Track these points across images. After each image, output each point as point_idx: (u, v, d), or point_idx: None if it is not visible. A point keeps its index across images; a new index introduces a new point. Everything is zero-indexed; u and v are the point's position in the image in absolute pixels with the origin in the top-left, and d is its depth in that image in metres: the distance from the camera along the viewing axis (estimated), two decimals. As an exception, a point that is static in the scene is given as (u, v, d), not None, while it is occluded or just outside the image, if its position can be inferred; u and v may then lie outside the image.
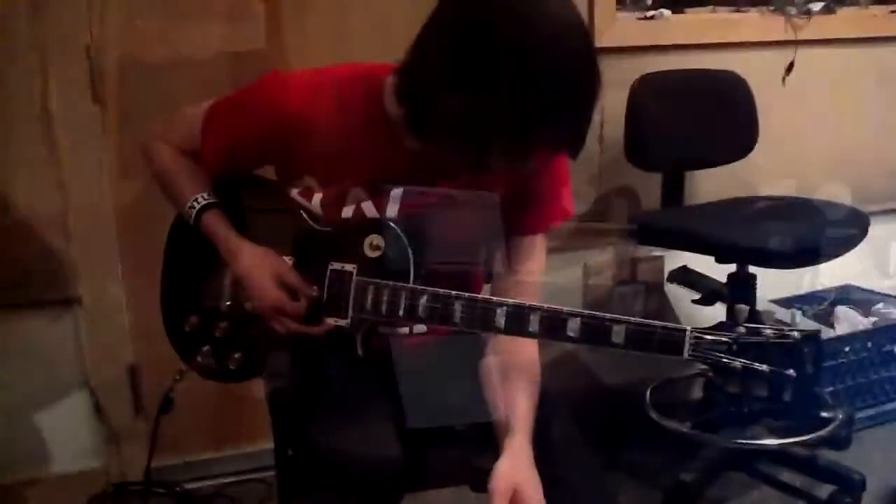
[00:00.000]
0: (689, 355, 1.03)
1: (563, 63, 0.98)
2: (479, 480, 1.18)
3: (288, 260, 1.26)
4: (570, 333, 1.08)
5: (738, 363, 1.03)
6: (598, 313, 1.07)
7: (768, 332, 1.03)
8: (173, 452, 2.10)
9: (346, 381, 1.24)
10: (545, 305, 1.10)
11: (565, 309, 1.08)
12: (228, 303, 1.31)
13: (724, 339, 1.03)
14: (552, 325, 1.08)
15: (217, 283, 1.32)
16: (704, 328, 1.05)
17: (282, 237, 1.27)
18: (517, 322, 1.10)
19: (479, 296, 1.14)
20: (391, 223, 1.20)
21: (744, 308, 1.09)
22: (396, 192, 1.21)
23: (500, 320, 1.10)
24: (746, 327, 1.04)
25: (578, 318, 1.07)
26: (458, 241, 1.27)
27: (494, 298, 1.13)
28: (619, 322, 1.06)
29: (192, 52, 1.98)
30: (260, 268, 1.23)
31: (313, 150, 1.19)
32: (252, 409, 1.50)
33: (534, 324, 1.09)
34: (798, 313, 1.12)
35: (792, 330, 1.04)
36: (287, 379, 1.30)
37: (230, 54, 2.01)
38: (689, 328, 1.03)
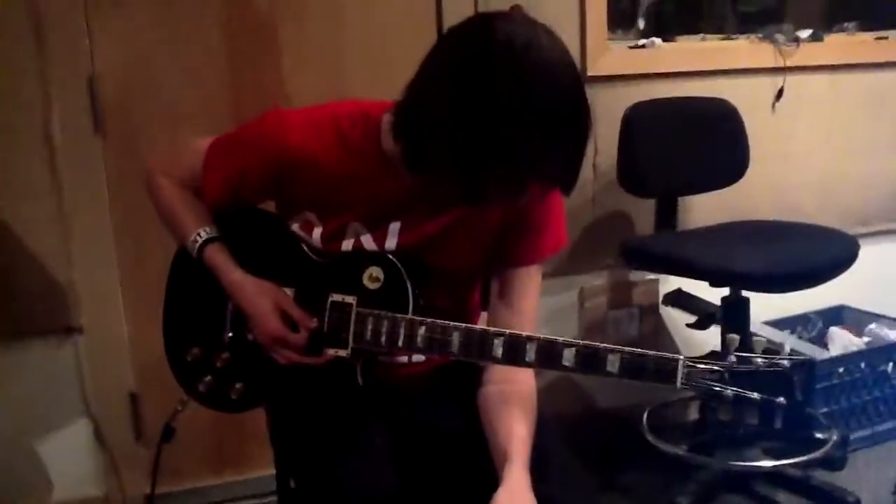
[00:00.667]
0: (682, 384, 1.06)
1: (555, 104, 1.02)
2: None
3: (289, 292, 1.29)
4: (566, 363, 1.10)
5: (729, 392, 1.06)
6: (592, 343, 1.10)
7: (759, 360, 1.06)
8: (175, 479, 2.11)
9: (346, 410, 1.26)
10: (541, 336, 1.12)
11: (561, 339, 1.11)
12: (230, 334, 1.34)
13: (715, 367, 1.06)
14: (548, 355, 1.11)
15: (219, 315, 1.34)
16: (697, 357, 1.07)
17: (283, 270, 1.30)
18: (514, 352, 1.12)
19: (477, 326, 1.17)
20: (390, 256, 1.23)
21: (735, 338, 1.11)
22: (394, 225, 1.24)
23: (498, 350, 1.13)
24: (738, 356, 1.07)
25: (574, 348, 1.10)
26: (455, 272, 1.30)
27: (491, 329, 1.15)
28: (613, 352, 1.08)
29: (192, 82, 2.03)
30: (261, 299, 1.26)
31: (313, 186, 1.23)
32: (253, 436, 1.52)
33: (530, 353, 1.12)
34: (789, 340, 1.15)
35: (782, 358, 1.06)
36: (288, 409, 1.33)
37: (229, 85, 2.05)
38: (681, 358, 1.06)
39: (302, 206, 1.26)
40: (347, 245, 1.26)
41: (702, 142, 2.25)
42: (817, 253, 1.93)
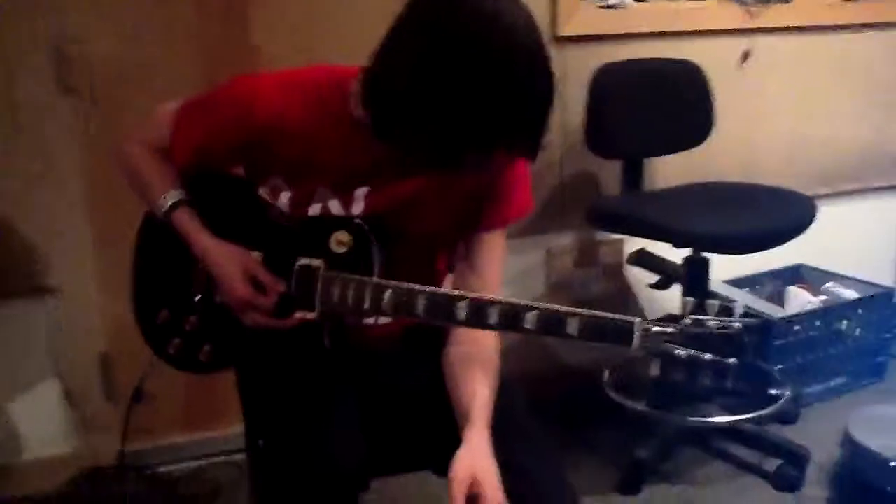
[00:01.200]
0: (638, 346, 1.10)
1: (521, 74, 1.03)
2: (443, 465, 1.25)
3: (257, 255, 1.30)
4: (528, 326, 1.13)
5: (682, 353, 1.10)
6: (553, 307, 1.13)
7: (712, 323, 1.10)
8: (145, 437, 2.13)
9: (314, 373, 1.29)
10: (503, 299, 1.15)
11: (522, 302, 1.14)
12: (199, 297, 1.35)
13: (670, 330, 1.10)
14: (510, 318, 1.14)
15: (187, 278, 1.36)
16: (652, 320, 1.11)
17: (250, 234, 1.31)
18: (477, 315, 1.15)
19: (442, 290, 1.20)
20: (356, 219, 1.25)
21: (690, 300, 1.15)
22: (361, 190, 1.26)
23: (461, 313, 1.15)
24: (692, 319, 1.10)
25: (535, 311, 1.13)
26: (421, 236, 1.32)
27: (456, 292, 1.18)
28: (573, 315, 1.12)
29: (164, 39, 1.99)
30: (230, 263, 1.27)
31: (280, 151, 1.23)
32: (222, 393, 1.54)
33: (493, 317, 1.14)
34: (745, 300, 1.19)
35: (734, 321, 1.10)
36: (256, 371, 1.35)
37: (200, 48, 2.02)
38: (637, 320, 1.10)
39: (270, 171, 1.27)
40: (315, 210, 1.27)
41: (668, 104, 2.27)
42: (776, 215, 1.97)
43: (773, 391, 2.31)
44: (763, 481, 2.11)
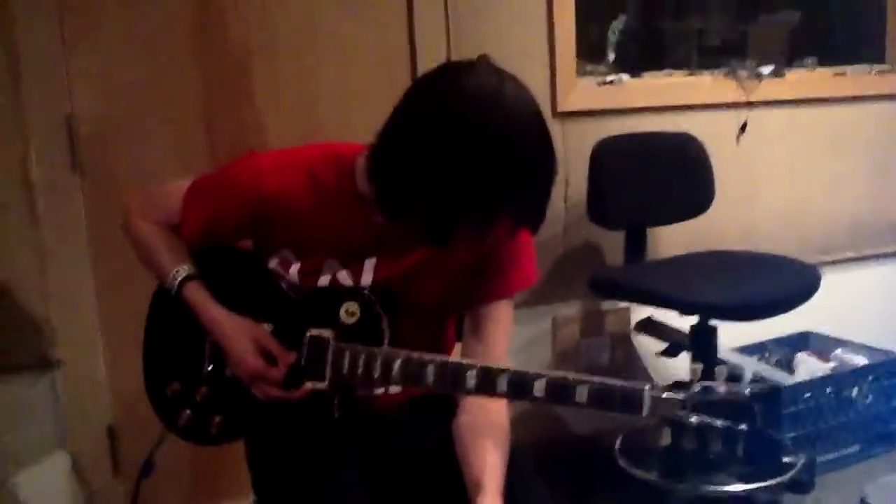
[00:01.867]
0: (648, 414, 1.10)
1: (523, 152, 1.07)
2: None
3: (267, 327, 1.32)
4: (536, 394, 1.14)
5: (693, 420, 1.10)
6: (561, 375, 1.14)
7: (721, 389, 1.11)
8: (151, 512, 2.11)
9: (322, 442, 1.30)
10: (512, 368, 1.16)
11: (531, 372, 1.15)
12: (209, 368, 1.36)
13: (679, 396, 1.11)
14: (519, 387, 1.15)
15: (198, 350, 1.37)
16: (662, 387, 1.12)
17: (260, 306, 1.33)
18: (486, 384, 1.16)
19: (451, 359, 1.21)
20: (366, 291, 1.28)
21: (698, 368, 1.17)
22: (370, 261, 1.29)
23: (471, 382, 1.17)
24: (702, 386, 1.12)
25: (544, 380, 1.14)
26: (429, 306, 1.34)
27: (465, 361, 1.20)
28: (581, 383, 1.12)
29: (168, 121, 2.06)
30: (240, 335, 1.29)
31: (288, 227, 1.27)
32: (230, 468, 1.54)
33: (501, 385, 1.15)
34: (753, 367, 1.21)
35: (743, 387, 1.11)
36: (266, 442, 1.35)
37: (204, 125, 2.09)
38: (646, 387, 1.11)
39: (278, 244, 1.31)
40: (324, 281, 1.30)
41: (669, 175, 2.32)
42: (781, 283, 1.99)
43: (786, 459, 2.28)
44: (780, 552, 2.06)
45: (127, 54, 2.01)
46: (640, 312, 2.46)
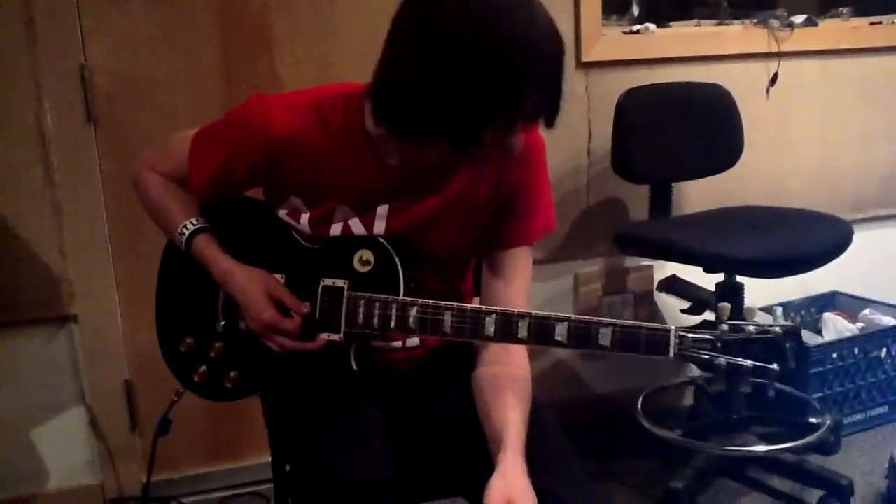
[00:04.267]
0: (675, 354, 1.07)
1: (531, 34, 1.02)
2: (475, 492, 1.21)
3: (280, 278, 1.29)
4: (559, 338, 1.11)
5: (722, 360, 1.07)
6: (584, 317, 1.11)
7: (750, 328, 1.07)
8: (170, 467, 2.12)
9: (341, 396, 1.26)
10: (533, 312, 1.13)
11: (552, 314, 1.11)
12: (223, 323, 1.33)
13: (707, 336, 1.07)
14: (540, 331, 1.12)
15: (211, 304, 1.34)
16: (688, 327, 1.08)
17: (272, 257, 1.30)
18: (506, 329, 1.13)
19: (469, 305, 1.18)
20: (380, 238, 1.24)
21: (726, 306, 1.12)
22: (382, 208, 1.24)
23: (490, 328, 1.14)
24: (729, 325, 1.08)
25: (566, 323, 1.11)
26: (446, 256, 1.30)
27: (483, 307, 1.16)
28: (605, 325, 1.09)
29: (185, 72, 2.02)
30: (253, 288, 1.25)
31: (298, 170, 1.22)
32: (247, 424, 1.53)
33: (522, 330, 1.12)
34: (779, 309, 1.16)
35: (773, 325, 1.07)
36: (283, 396, 1.33)
37: (222, 76, 2.04)
38: (673, 328, 1.07)
39: (289, 191, 1.26)
40: (336, 229, 1.26)
41: (696, 128, 2.25)
42: (811, 238, 1.93)
43: (812, 420, 2.24)
44: (804, 514, 2.04)
45: (143, 5, 1.96)
46: (664, 271, 2.42)
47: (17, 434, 2.06)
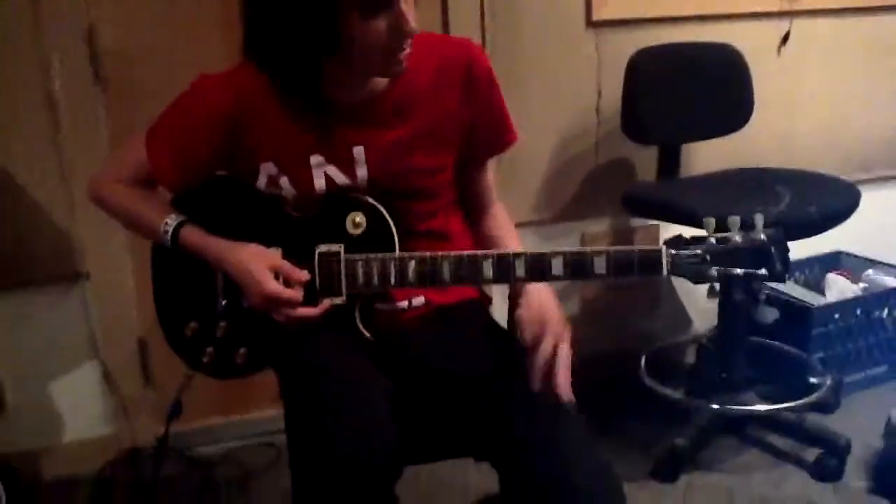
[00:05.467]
0: (668, 272, 1.13)
1: None
2: (483, 451, 1.24)
3: (275, 251, 1.29)
4: (556, 272, 1.17)
5: (713, 272, 1.13)
6: (579, 249, 1.16)
7: (737, 238, 1.14)
8: (182, 419, 2.15)
9: (347, 362, 1.25)
10: (528, 251, 1.18)
11: (548, 251, 1.16)
12: (224, 302, 1.35)
13: (698, 251, 1.13)
14: (537, 268, 1.17)
15: (209, 287, 1.35)
16: (678, 242, 1.14)
17: (265, 232, 1.30)
18: (503, 269, 1.18)
19: (465, 252, 1.21)
20: (370, 200, 1.26)
21: (711, 220, 1.17)
22: (357, 150, 1.26)
23: (488, 271, 1.19)
24: (717, 237, 1.14)
25: (561, 257, 1.16)
26: (431, 182, 1.33)
27: (479, 252, 1.20)
28: (599, 253, 1.15)
29: (188, 31, 2.00)
30: (251, 263, 1.25)
31: (259, 133, 1.25)
32: (258, 378, 1.54)
33: (520, 269, 1.18)
34: (760, 217, 1.21)
35: (758, 232, 1.14)
36: (294, 368, 1.31)
37: (225, 34, 2.03)
38: (663, 246, 1.13)
39: (258, 160, 1.27)
40: (320, 184, 1.27)
41: (707, 88, 2.23)
42: (817, 202, 1.93)
43: (813, 380, 2.27)
44: (802, 471, 2.08)
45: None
46: (671, 230, 2.41)
47: (33, 390, 2.10)
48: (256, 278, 1.24)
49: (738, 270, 1.13)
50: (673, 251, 1.13)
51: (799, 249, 2.62)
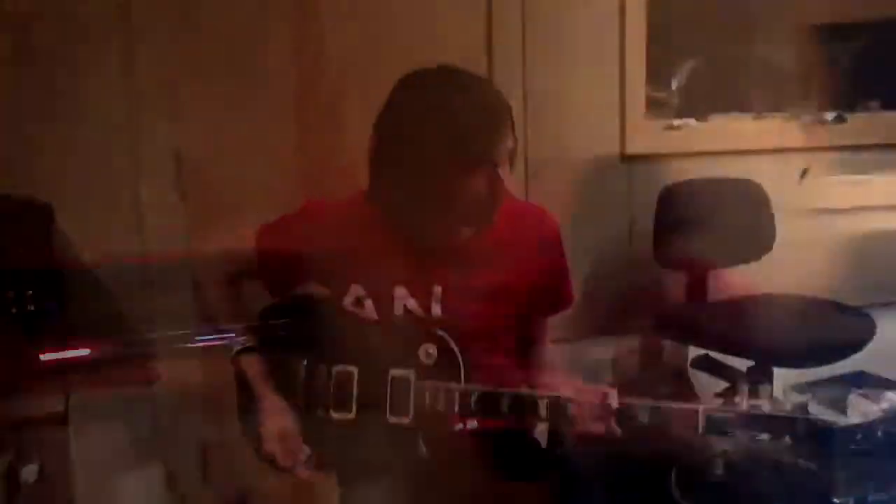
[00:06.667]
0: (703, 431, 1.27)
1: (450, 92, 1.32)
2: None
3: (353, 370, 1.42)
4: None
5: (743, 435, 1.27)
6: (629, 400, 1.31)
7: (766, 407, 1.28)
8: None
9: (410, 479, 1.39)
10: (571, 397, 1.32)
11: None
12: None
13: (730, 414, 1.27)
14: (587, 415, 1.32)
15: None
16: (714, 407, 1.28)
17: (342, 349, 1.45)
18: (557, 412, 1.32)
19: (524, 390, 1.35)
20: (441, 332, 1.41)
21: (745, 391, 1.31)
22: (437, 290, 1.44)
23: (542, 410, 1.32)
24: (750, 405, 1.28)
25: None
26: (499, 324, 1.48)
27: (538, 392, 1.34)
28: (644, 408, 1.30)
29: (263, 153, 2.20)
30: (269, 420, 1.44)
31: (357, 259, 1.44)
32: (322, 491, 1.66)
33: (570, 411, 1.32)
34: (810, 403, 1.37)
35: (784, 407, 1.30)
36: (357, 482, 1.47)
37: (299, 158, 2.23)
38: (700, 407, 1.27)
39: (349, 280, 1.45)
40: (398, 312, 1.44)
41: (731, 220, 2.39)
42: (835, 333, 2.06)
43: (836, 501, 2.33)
44: (830, 591, 2.12)
45: (231, 91, 2.14)
46: (697, 349, 2.54)
47: (100, 487, 2.15)
48: (266, 434, 1.42)
49: (765, 436, 1.28)
50: (708, 413, 1.27)
51: (823, 368, 2.71)
